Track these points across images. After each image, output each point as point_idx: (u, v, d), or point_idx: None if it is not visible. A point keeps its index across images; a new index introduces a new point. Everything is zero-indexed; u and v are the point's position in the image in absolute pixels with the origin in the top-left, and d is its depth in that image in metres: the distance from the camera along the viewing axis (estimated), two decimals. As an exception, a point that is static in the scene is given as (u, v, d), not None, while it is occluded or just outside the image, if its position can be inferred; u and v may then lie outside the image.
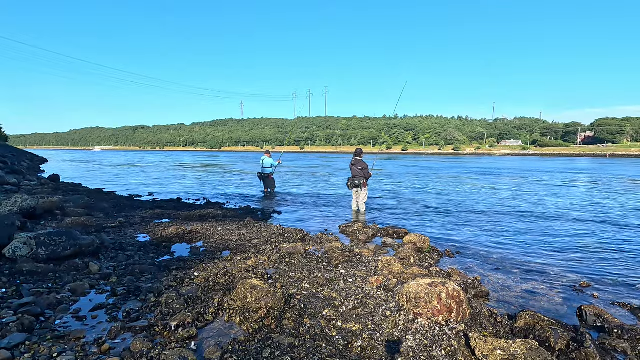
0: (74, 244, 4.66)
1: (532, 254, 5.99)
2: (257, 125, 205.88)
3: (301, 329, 3.03)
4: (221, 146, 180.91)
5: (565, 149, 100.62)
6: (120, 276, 4.20)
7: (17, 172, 16.78)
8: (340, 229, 7.50)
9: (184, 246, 5.84)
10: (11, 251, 4.36)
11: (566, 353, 2.77)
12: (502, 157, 78.93)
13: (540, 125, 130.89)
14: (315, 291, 3.80)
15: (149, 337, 2.81)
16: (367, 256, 5.25)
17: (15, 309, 3.11)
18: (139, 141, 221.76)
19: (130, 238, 6.09)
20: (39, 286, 3.72)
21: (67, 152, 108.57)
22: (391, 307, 3.36)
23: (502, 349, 2.55)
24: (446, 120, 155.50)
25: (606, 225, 8.39)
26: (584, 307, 3.68)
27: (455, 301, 3.12)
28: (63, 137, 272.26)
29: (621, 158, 72.94)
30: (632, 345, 3.02)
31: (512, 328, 3.20)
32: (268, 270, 4.56)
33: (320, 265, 4.79)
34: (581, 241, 6.87)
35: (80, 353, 2.59)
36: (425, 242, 6.06)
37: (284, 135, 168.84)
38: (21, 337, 2.67)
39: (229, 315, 3.23)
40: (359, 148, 10.54)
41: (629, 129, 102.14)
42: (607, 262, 5.58)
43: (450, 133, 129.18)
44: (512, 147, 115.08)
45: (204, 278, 4.07)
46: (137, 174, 24.56)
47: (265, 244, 5.85)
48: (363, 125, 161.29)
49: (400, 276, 4.34)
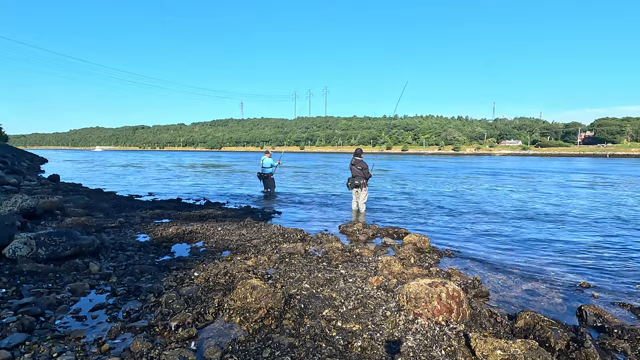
0: (74, 244, 4.66)
1: (532, 254, 5.99)
2: (257, 125, 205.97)
3: (301, 329, 3.03)
4: (221, 146, 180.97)
5: (565, 149, 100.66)
6: (120, 276, 4.20)
7: (17, 172, 16.78)
8: (340, 229, 7.50)
9: (184, 246, 5.84)
10: (11, 251, 4.36)
11: (566, 353, 2.77)
12: (502, 157, 78.92)
13: (540, 125, 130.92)
14: (315, 291, 3.80)
15: (149, 337, 2.81)
16: (367, 256, 5.25)
17: (15, 309, 3.11)
18: (139, 141, 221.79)
19: (130, 238, 6.09)
20: (39, 286, 3.72)
21: (68, 152, 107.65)
22: (391, 307, 3.36)
23: (502, 349, 2.55)
24: (446, 120, 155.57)
25: (606, 225, 8.39)
26: (584, 307, 3.68)
27: (455, 301, 3.12)
28: (63, 137, 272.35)
29: (621, 158, 72.94)
30: (632, 345, 3.02)
31: (512, 328, 3.20)
32: (268, 270, 4.56)
33: (320, 265, 4.79)
34: (581, 241, 6.88)
35: (80, 353, 2.59)
36: (426, 242, 6.06)
37: (284, 135, 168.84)
38: (21, 337, 2.67)
39: (229, 315, 3.23)
40: (359, 148, 10.54)
41: (629, 129, 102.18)
42: (607, 262, 5.58)
43: (450, 133, 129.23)
44: (512, 147, 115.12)
45: (204, 278, 4.07)
46: (137, 173, 24.57)
47: (265, 244, 5.85)
48: (363, 125, 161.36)
49: (400, 276, 4.34)
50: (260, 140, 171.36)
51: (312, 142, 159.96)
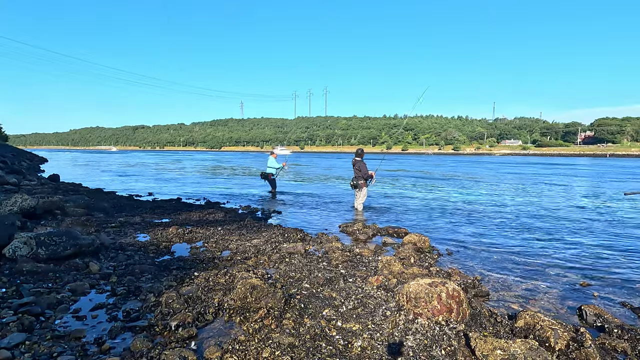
0: (74, 244, 4.66)
1: (532, 254, 5.99)
2: (257, 125, 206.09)
3: (301, 328, 3.03)
4: (221, 146, 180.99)
5: (565, 149, 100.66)
6: (120, 276, 4.20)
7: (17, 172, 16.77)
8: (340, 229, 7.49)
9: (184, 246, 5.84)
10: (11, 251, 4.36)
11: (566, 353, 2.77)
12: (503, 157, 78.88)
13: (540, 125, 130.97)
14: (315, 291, 3.80)
15: (149, 337, 2.81)
16: (367, 256, 5.25)
17: (15, 309, 3.11)
18: (139, 141, 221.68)
19: (130, 238, 6.09)
20: (39, 286, 3.72)
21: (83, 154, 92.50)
22: (391, 307, 3.36)
23: (502, 349, 2.55)
24: (446, 120, 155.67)
25: (606, 225, 8.39)
26: (584, 307, 3.68)
27: (455, 301, 3.12)
28: (63, 137, 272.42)
29: (621, 158, 72.92)
30: (632, 345, 3.02)
31: (512, 328, 3.19)
32: (268, 270, 4.56)
33: (320, 265, 4.78)
34: (581, 241, 6.87)
35: (80, 353, 2.59)
36: (425, 242, 6.06)
37: (284, 135, 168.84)
38: (21, 337, 2.67)
39: (229, 315, 3.23)
40: (360, 148, 10.54)
41: (629, 129, 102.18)
42: (607, 262, 5.58)
43: (450, 133, 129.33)
44: (512, 147, 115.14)
45: (204, 278, 4.07)
46: (152, 173, 24.57)
47: (265, 244, 5.85)
48: (363, 125, 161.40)
49: (400, 276, 4.34)
50: (260, 140, 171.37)
51: (312, 142, 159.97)
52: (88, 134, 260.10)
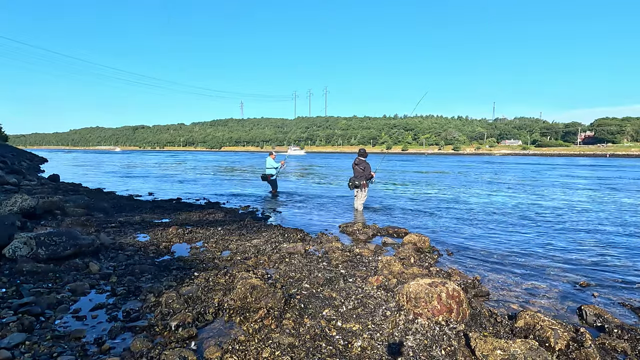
0: (74, 244, 4.66)
1: (532, 254, 5.99)
2: (257, 125, 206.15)
3: (301, 329, 3.03)
4: (221, 146, 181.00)
5: (565, 149, 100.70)
6: (120, 276, 4.20)
7: (17, 172, 16.77)
8: (341, 229, 7.49)
9: (184, 246, 5.84)
10: (11, 251, 4.36)
11: (566, 353, 2.77)
12: (503, 157, 78.88)
13: (540, 125, 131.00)
14: (315, 291, 3.80)
15: (149, 337, 2.81)
16: (367, 256, 5.25)
17: (15, 309, 3.11)
18: (139, 141, 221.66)
19: (130, 238, 6.08)
20: (39, 286, 3.72)
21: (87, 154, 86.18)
22: (391, 307, 3.36)
23: (502, 349, 2.55)
24: (446, 120, 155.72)
25: (606, 225, 8.39)
26: (584, 307, 3.68)
27: (455, 301, 3.12)
28: (63, 137, 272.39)
29: (621, 158, 72.93)
30: (632, 345, 3.02)
31: (512, 328, 3.19)
32: (268, 270, 4.56)
33: (320, 265, 4.78)
34: (581, 241, 6.87)
35: (80, 353, 2.59)
36: (425, 242, 6.06)
37: (284, 135, 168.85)
38: (21, 337, 2.66)
39: (229, 315, 3.23)
40: (363, 148, 10.59)
41: (629, 129, 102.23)
42: (607, 262, 5.58)
43: (450, 133, 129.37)
44: (512, 147, 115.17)
45: (204, 278, 4.07)
46: (151, 173, 24.57)
47: (265, 244, 5.85)
48: (363, 125, 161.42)
49: (400, 276, 4.34)
50: (261, 140, 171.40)
51: (312, 142, 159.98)
52: (88, 134, 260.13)
